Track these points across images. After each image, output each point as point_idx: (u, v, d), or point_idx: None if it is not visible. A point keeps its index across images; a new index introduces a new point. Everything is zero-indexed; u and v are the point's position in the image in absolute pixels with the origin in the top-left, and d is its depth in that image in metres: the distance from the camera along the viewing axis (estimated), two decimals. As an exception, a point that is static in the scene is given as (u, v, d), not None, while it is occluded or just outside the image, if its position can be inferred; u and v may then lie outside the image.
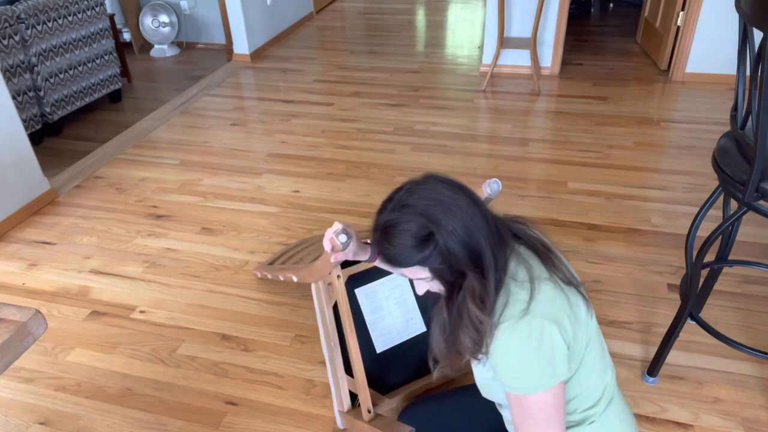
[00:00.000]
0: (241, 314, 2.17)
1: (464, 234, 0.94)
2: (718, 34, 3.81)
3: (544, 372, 0.95)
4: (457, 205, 0.95)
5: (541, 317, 0.95)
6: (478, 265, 0.95)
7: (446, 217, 0.93)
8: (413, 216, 0.95)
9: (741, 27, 1.32)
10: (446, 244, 0.93)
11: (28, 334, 0.89)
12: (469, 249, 0.94)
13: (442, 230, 0.93)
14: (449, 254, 0.94)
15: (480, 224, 0.95)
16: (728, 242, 1.75)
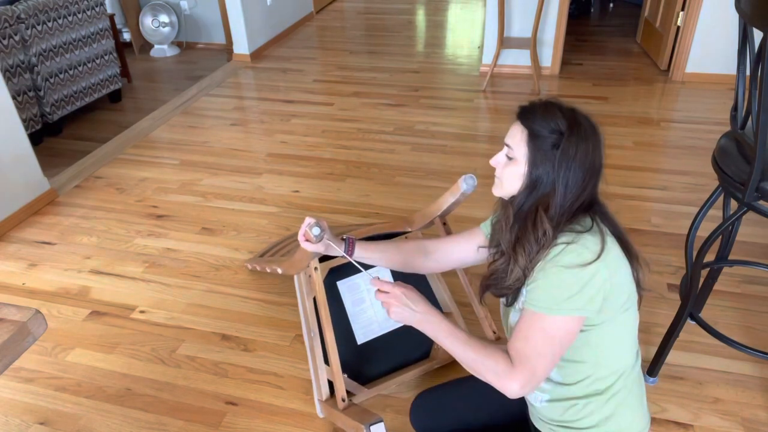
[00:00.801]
0: (241, 314, 2.17)
1: (582, 162, 1.04)
2: (718, 34, 3.81)
3: (573, 299, 0.98)
4: (595, 144, 1.07)
5: (596, 254, 0.99)
6: (569, 187, 1.04)
7: (584, 141, 1.05)
8: (570, 116, 1.07)
9: (741, 27, 1.32)
10: (567, 148, 1.03)
11: (28, 334, 0.89)
12: (575, 168, 1.04)
13: (574, 140, 1.04)
14: (562, 156, 1.03)
15: (595, 171, 1.08)
16: (728, 242, 1.75)
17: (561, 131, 1.04)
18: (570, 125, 1.05)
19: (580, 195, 1.06)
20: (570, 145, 1.03)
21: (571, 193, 1.05)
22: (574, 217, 1.05)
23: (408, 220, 1.83)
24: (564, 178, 1.04)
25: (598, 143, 1.08)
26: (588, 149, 1.05)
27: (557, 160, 1.03)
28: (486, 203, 2.73)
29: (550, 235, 1.01)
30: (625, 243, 1.10)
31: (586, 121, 1.08)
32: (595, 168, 1.08)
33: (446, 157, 3.19)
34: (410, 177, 3.00)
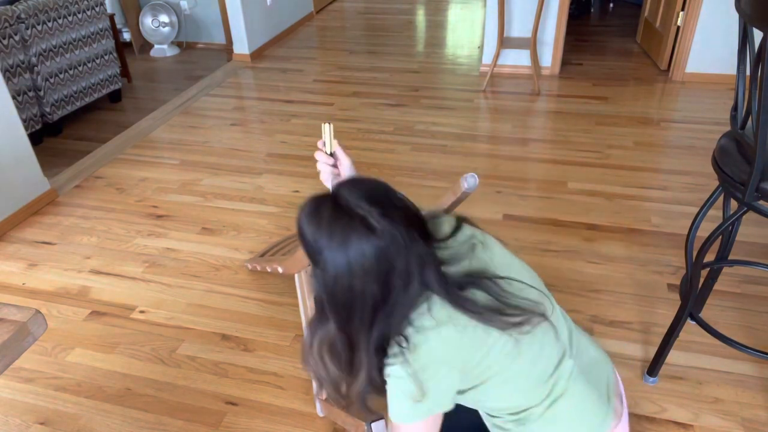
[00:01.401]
0: (241, 314, 2.17)
1: (336, 277, 0.86)
2: (718, 34, 3.81)
3: (420, 407, 0.94)
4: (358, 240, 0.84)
5: (431, 361, 0.90)
6: (344, 319, 0.89)
7: (332, 248, 0.85)
8: (326, 224, 0.87)
9: (741, 27, 1.32)
10: (323, 270, 0.88)
11: (28, 334, 0.89)
12: (333, 293, 0.88)
13: (322, 256, 0.87)
14: (320, 283, 0.89)
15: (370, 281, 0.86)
16: (728, 242, 1.75)
17: (319, 247, 0.87)
18: (329, 243, 0.86)
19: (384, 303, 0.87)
20: (332, 263, 0.86)
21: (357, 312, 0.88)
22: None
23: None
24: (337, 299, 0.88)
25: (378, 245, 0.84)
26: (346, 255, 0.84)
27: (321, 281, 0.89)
28: (486, 203, 2.73)
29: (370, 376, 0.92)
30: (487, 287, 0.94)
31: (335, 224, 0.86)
32: (389, 279, 0.86)
33: (446, 157, 3.19)
34: (410, 177, 3.00)
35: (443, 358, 0.91)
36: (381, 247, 0.84)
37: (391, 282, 0.86)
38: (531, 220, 2.61)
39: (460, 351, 0.92)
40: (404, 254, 0.86)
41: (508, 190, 2.82)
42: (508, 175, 2.96)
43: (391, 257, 0.85)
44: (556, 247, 2.44)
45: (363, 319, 0.88)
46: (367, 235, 0.84)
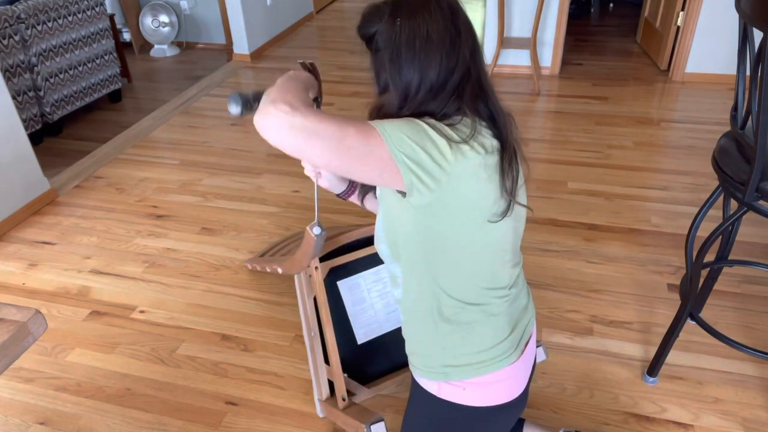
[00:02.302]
0: (241, 314, 2.17)
1: (406, 47, 0.89)
2: (718, 34, 3.81)
3: (410, 138, 0.85)
4: (430, 22, 0.89)
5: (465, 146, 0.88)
6: (402, 94, 0.91)
7: (407, 19, 0.89)
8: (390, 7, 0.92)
9: (741, 27, 1.32)
10: (382, 37, 0.91)
11: (28, 334, 0.89)
12: (400, 66, 0.89)
13: (388, 23, 0.90)
14: (381, 51, 0.91)
15: (434, 59, 0.89)
16: (728, 242, 1.75)
17: (382, 20, 0.91)
18: (393, 8, 0.91)
19: (437, 79, 0.90)
20: (392, 28, 0.89)
21: (427, 80, 0.89)
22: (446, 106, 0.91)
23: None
24: (404, 69, 0.90)
25: (435, 13, 0.89)
26: (419, 24, 0.88)
27: (390, 53, 0.90)
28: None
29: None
30: (506, 143, 0.94)
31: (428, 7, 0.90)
32: (441, 42, 0.89)
33: (446, 157, 3.18)
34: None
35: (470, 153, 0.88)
36: (440, 31, 0.90)
37: (443, 69, 0.90)
38: (531, 220, 2.61)
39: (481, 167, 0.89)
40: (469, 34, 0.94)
41: (508, 190, 2.82)
42: (508, 175, 2.95)
43: (447, 43, 0.90)
44: (556, 247, 2.44)
45: (418, 99, 0.91)
46: (433, 16, 0.90)
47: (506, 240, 1.00)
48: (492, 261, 1.00)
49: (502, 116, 0.97)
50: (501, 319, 1.05)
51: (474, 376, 1.04)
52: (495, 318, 1.04)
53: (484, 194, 0.91)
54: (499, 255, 1.01)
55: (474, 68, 0.94)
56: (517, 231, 1.04)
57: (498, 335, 1.05)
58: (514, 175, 0.94)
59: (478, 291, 1.01)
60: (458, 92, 0.92)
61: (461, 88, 0.92)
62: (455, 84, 0.92)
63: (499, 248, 1.00)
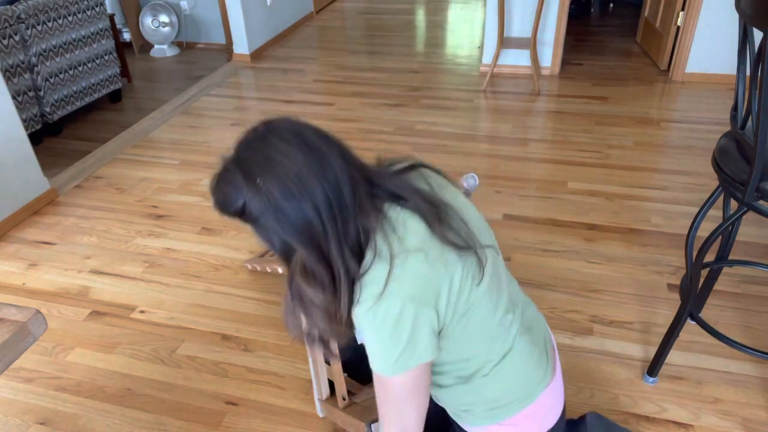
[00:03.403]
0: (241, 314, 2.17)
1: (282, 197, 0.82)
2: (718, 34, 3.81)
3: (402, 356, 0.89)
4: (286, 160, 0.82)
5: (401, 298, 0.86)
6: (307, 238, 0.84)
7: (264, 173, 0.82)
8: (233, 162, 0.85)
9: (741, 27, 1.32)
10: (253, 204, 0.83)
11: (28, 334, 0.89)
12: (288, 217, 0.83)
13: (251, 188, 0.83)
14: (260, 218, 0.84)
15: (315, 187, 0.82)
16: (728, 242, 1.75)
17: (243, 191, 0.84)
18: (243, 173, 0.84)
19: (331, 202, 0.84)
20: (259, 192, 0.83)
21: (324, 208, 0.84)
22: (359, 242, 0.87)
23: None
24: (294, 218, 0.84)
25: (286, 149, 0.84)
26: (280, 170, 0.82)
27: (273, 214, 0.84)
28: (486, 203, 2.73)
29: (324, 298, 0.88)
30: (429, 214, 0.90)
31: (271, 142, 0.84)
32: (312, 165, 0.83)
33: (446, 157, 3.19)
34: (410, 177, 3.00)
35: (413, 295, 0.87)
36: (301, 161, 0.83)
37: (328, 189, 0.84)
38: (531, 220, 2.61)
39: (429, 282, 0.88)
40: (328, 162, 0.85)
41: (508, 190, 2.82)
42: (508, 175, 2.96)
43: (315, 166, 0.84)
44: (556, 247, 2.44)
45: (327, 230, 0.85)
46: (286, 153, 0.83)
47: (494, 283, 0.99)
48: (491, 310, 0.98)
49: (406, 187, 0.93)
50: (523, 343, 1.04)
51: (523, 407, 1.04)
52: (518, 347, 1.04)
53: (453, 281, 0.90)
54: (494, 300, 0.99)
55: (354, 168, 0.89)
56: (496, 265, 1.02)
57: (528, 360, 1.05)
58: (456, 227, 0.92)
59: (489, 345, 1.00)
60: (358, 199, 0.87)
61: (357, 193, 0.87)
62: (350, 195, 0.86)
63: (492, 296, 0.98)
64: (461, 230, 0.92)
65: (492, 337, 1.00)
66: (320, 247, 0.86)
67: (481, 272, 0.93)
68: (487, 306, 0.97)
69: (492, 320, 0.99)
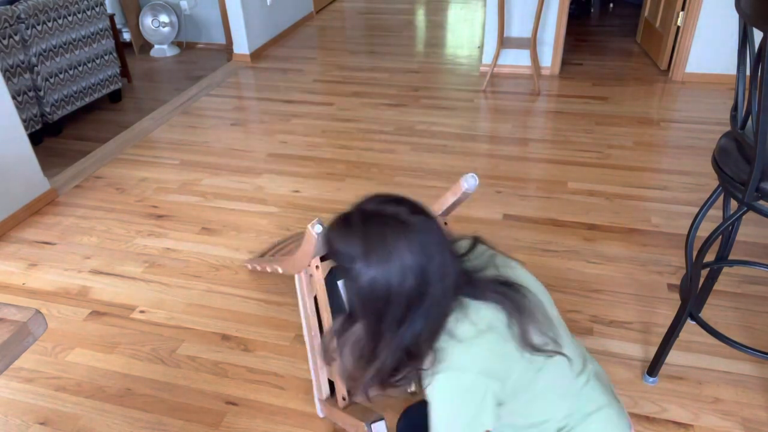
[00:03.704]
0: (241, 314, 2.17)
1: (373, 280, 0.85)
2: (718, 34, 3.81)
3: (467, 426, 0.93)
4: (399, 262, 0.85)
5: (473, 372, 0.90)
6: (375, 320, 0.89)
7: (381, 262, 0.85)
8: (360, 230, 0.88)
9: (741, 27, 1.32)
10: (362, 271, 0.87)
11: (28, 334, 0.89)
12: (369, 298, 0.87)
13: (364, 262, 0.86)
14: (356, 289, 0.89)
15: (406, 281, 0.86)
16: (728, 242, 1.75)
17: (353, 255, 0.87)
18: (365, 248, 0.87)
19: (417, 312, 0.88)
20: (367, 270, 0.86)
21: (402, 317, 0.88)
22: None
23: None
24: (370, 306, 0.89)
25: (411, 245, 0.86)
26: (393, 264, 0.85)
27: (359, 291, 0.88)
28: (486, 203, 2.73)
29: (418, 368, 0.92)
30: (512, 313, 0.95)
31: (383, 230, 0.87)
32: (427, 272, 0.87)
33: (446, 157, 3.19)
34: (410, 177, 3.00)
35: (484, 369, 0.91)
36: (417, 239, 0.86)
37: (428, 275, 0.87)
38: (531, 220, 2.61)
39: (501, 360, 0.92)
40: (439, 246, 0.88)
41: (508, 190, 2.82)
42: (508, 175, 2.96)
43: (428, 249, 0.87)
44: (556, 247, 2.44)
45: (395, 318, 0.88)
46: (403, 230, 0.86)
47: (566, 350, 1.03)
48: (564, 373, 1.02)
49: (487, 284, 0.97)
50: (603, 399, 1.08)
51: None
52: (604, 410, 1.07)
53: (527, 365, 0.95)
54: (566, 363, 1.03)
55: (454, 270, 0.92)
56: (560, 321, 1.06)
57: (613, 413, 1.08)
58: (539, 322, 0.97)
59: (568, 403, 1.04)
60: (446, 298, 0.91)
61: (446, 296, 0.91)
62: (441, 294, 0.90)
63: (564, 362, 1.02)
64: (543, 327, 0.97)
65: (567, 394, 1.04)
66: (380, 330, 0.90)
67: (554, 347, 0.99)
68: (561, 368, 1.02)
69: (564, 382, 1.03)
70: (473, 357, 0.91)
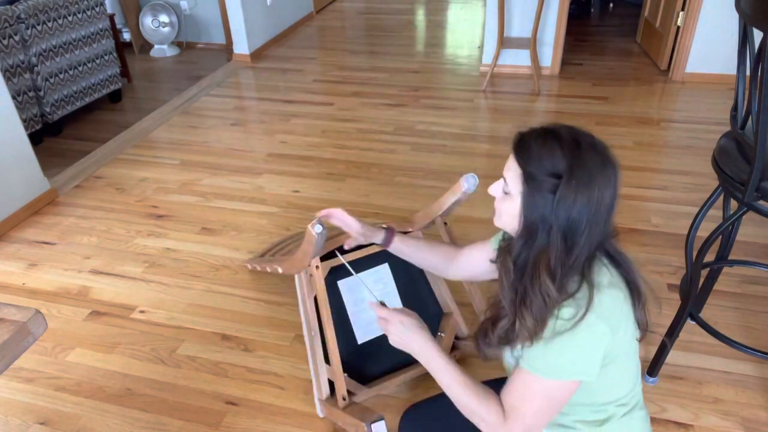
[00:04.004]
0: (241, 314, 2.17)
1: (584, 209, 0.90)
2: (718, 34, 3.81)
3: (573, 364, 0.94)
4: (603, 184, 0.91)
5: (598, 316, 0.92)
6: (568, 237, 0.92)
7: (580, 187, 0.90)
8: (572, 154, 0.92)
9: (741, 27, 1.32)
10: (566, 195, 0.90)
11: (28, 334, 0.89)
12: (575, 218, 0.91)
13: (573, 185, 0.90)
14: (559, 204, 0.90)
15: (601, 214, 0.92)
16: (728, 242, 1.75)
17: (558, 174, 0.90)
18: (570, 167, 0.90)
19: (585, 245, 0.93)
20: (568, 192, 0.89)
21: (574, 245, 0.92)
22: (577, 268, 0.95)
23: (409, 219, 1.83)
24: (562, 229, 0.91)
25: (608, 181, 0.92)
26: (592, 194, 0.90)
27: (554, 208, 0.91)
28: (486, 203, 2.72)
29: (555, 296, 0.92)
30: (633, 283, 1.02)
31: (593, 157, 0.91)
32: (602, 211, 0.92)
33: (446, 157, 3.19)
34: (410, 177, 3.00)
35: (609, 317, 0.94)
36: (613, 177, 0.93)
37: (602, 214, 0.93)
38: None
39: (620, 316, 0.96)
40: (615, 191, 0.95)
41: (508, 190, 2.82)
42: (508, 175, 2.95)
43: (614, 188, 0.94)
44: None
45: (577, 246, 0.93)
46: (604, 163, 0.93)
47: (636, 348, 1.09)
48: (635, 362, 1.09)
49: (622, 255, 1.04)
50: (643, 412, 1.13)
51: None
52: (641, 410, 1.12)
53: (631, 332, 1.01)
54: (636, 360, 1.09)
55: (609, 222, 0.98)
56: None
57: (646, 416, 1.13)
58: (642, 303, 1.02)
59: (629, 388, 1.09)
60: (607, 232, 0.98)
61: (608, 230, 0.99)
62: (606, 227, 0.97)
63: (636, 358, 1.09)
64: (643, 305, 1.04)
65: (633, 381, 1.09)
66: (573, 249, 0.93)
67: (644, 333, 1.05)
68: (634, 359, 1.08)
69: (633, 370, 1.08)
70: (601, 304, 0.93)
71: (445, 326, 1.84)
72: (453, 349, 1.88)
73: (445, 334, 1.82)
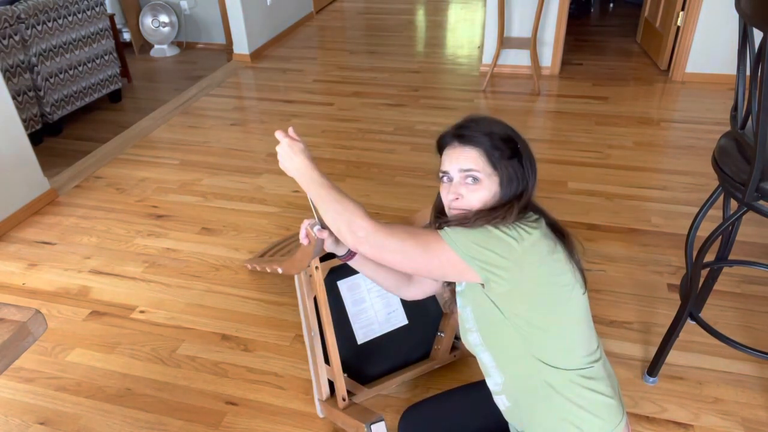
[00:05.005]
0: (241, 314, 2.17)
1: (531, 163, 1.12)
2: (718, 34, 3.81)
3: (475, 243, 1.00)
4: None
5: (535, 229, 1.03)
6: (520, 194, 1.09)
7: (525, 143, 1.13)
8: (502, 124, 1.14)
9: (741, 27, 1.32)
10: (524, 156, 1.11)
11: (28, 334, 0.89)
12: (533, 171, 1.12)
13: (523, 145, 1.12)
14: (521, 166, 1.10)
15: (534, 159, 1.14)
16: (728, 242, 1.75)
17: (509, 138, 1.11)
18: (511, 129, 1.14)
19: (533, 187, 1.13)
20: (525, 147, 1.12)
21: (529, 189, 1.12)
22: None
23: (408, 220, 1.83)
24: (531, 180, 1.12)
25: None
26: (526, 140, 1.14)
27: (525, 167, 1.11)
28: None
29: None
30: (560, 231, 1.11)
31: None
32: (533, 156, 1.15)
33: (446, 157, 3.18)
34: (410, 177, 3.00)
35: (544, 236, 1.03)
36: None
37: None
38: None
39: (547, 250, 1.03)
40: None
41: (508, 190, 2.82)
42: (508, 175, 2.95)
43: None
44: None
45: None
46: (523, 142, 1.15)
47: (588, 306, 1.12)
48: (586, 328, 1.10)
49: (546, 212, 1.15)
50: (603, 382, 1.10)
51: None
52: (598, 382, 1.09)
53: (555, 271, 1.03)
54: (589, 322, 1.11)
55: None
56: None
57: (607, 400, 1.09)
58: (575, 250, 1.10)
59: (580, 359, 1.07)
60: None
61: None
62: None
63: (587, 316, 1.10)
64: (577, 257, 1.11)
65: (582, 346, 1.09)
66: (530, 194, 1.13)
67: (584, 285, 1.09)
68: (585, 314, 1.09)
69: (585, 330, 1.10)
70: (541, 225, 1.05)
71: (444, 326, 1.84)
72: (453, 349, 1.88)
73: (445, 334, 1.82)
